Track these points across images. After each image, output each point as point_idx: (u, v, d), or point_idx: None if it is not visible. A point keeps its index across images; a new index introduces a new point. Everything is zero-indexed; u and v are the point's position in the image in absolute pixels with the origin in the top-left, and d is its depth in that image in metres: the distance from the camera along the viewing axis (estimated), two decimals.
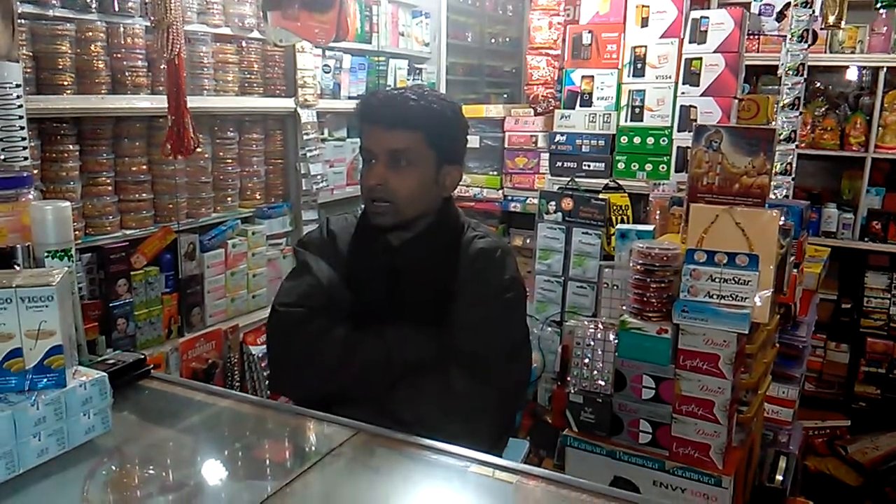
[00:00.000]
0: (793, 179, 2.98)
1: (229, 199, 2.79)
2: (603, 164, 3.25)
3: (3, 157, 1.78)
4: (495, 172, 3.65)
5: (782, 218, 1.78)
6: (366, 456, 1.18)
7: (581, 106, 3.29)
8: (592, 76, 3.25)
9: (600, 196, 2.76)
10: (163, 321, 2.44)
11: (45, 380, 1.06)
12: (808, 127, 4.04)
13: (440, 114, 1.54)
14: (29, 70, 2.03)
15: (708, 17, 3.00)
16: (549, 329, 2.75)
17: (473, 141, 3.56)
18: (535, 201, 2.95)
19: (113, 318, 2.25)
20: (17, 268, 1.30)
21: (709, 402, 1.60)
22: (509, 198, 3.61)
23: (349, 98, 3.31)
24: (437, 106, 1.54)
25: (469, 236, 1.62)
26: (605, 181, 3.05)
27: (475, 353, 1.50)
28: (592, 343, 1.74)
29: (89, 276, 2.21)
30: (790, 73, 2.95)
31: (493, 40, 4.93)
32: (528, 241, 3.41)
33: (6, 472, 0.99)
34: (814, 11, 2.98)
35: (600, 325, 1.77)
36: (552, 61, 3.56)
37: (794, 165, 2.98)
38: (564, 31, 3.40)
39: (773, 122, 2.99)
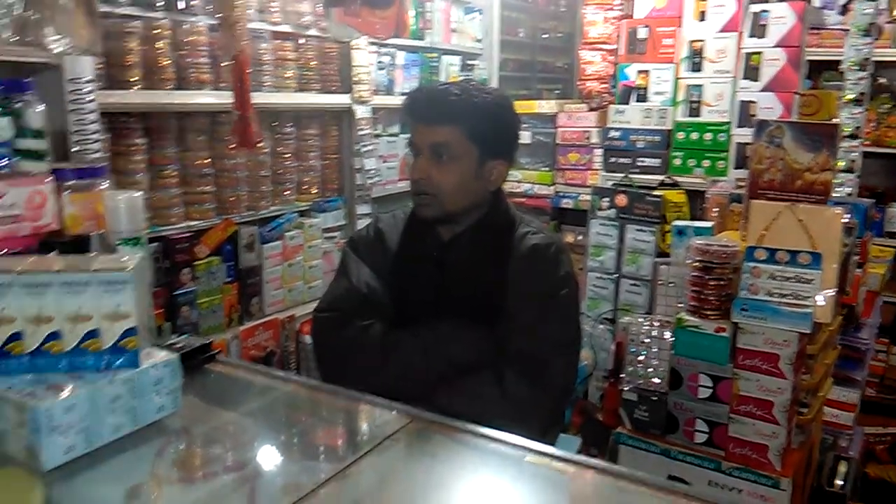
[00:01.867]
0: (857, 177, 2.90)
1: (287, 192, 2.85)
2: (658, 161, 3.20)
3: (77, 148, 1.86)
4: (547, 168, 3.64)
5: (846, 216, 1.74)
6: (422, 442, 1.20)
7: (636, 101, 3.26)
8: (648, 71, 3.21)
9: (655, 192, 2.73)
10: (224, 309, 2.51)
11: (120, 360, 1.11)
12: (873, 124, 3.91)
13: (481, 108, 1.54)
14: (100, 66, 2.10)
15: (768, 11, 2.92)
16: (602, 326, 2.74)
17: (525, 137, 3.55)
18: (588, 197, 2.94)
19: (177, 306, 2.32)
20: (93, 253, 1.36)
21: (768, 402, 1.57)
22: (561, 194, 3.59)
23: (402, 94, 3.33)
24: (479, 100, 1.54)
25: (521, 232, 1.62)
26: (661, 178, 3.01)
27: (528, 353, 1.50)
28: (648, 340, 1.73)
29: (155, 265, 2.29)
30: (854, 68, 2.87)
31: (545, 35, 4.90)
32: (579, 237, 3.39)
33: (84, 446, 1.04)
34: (879, 4, 2.89)
35: (655, 323, 1.75)
36: (607, 56, 3.53)
37: (858, 163, 2.89)
38: (619, 26, 3.37)
39: (836, 119, 2.90)
